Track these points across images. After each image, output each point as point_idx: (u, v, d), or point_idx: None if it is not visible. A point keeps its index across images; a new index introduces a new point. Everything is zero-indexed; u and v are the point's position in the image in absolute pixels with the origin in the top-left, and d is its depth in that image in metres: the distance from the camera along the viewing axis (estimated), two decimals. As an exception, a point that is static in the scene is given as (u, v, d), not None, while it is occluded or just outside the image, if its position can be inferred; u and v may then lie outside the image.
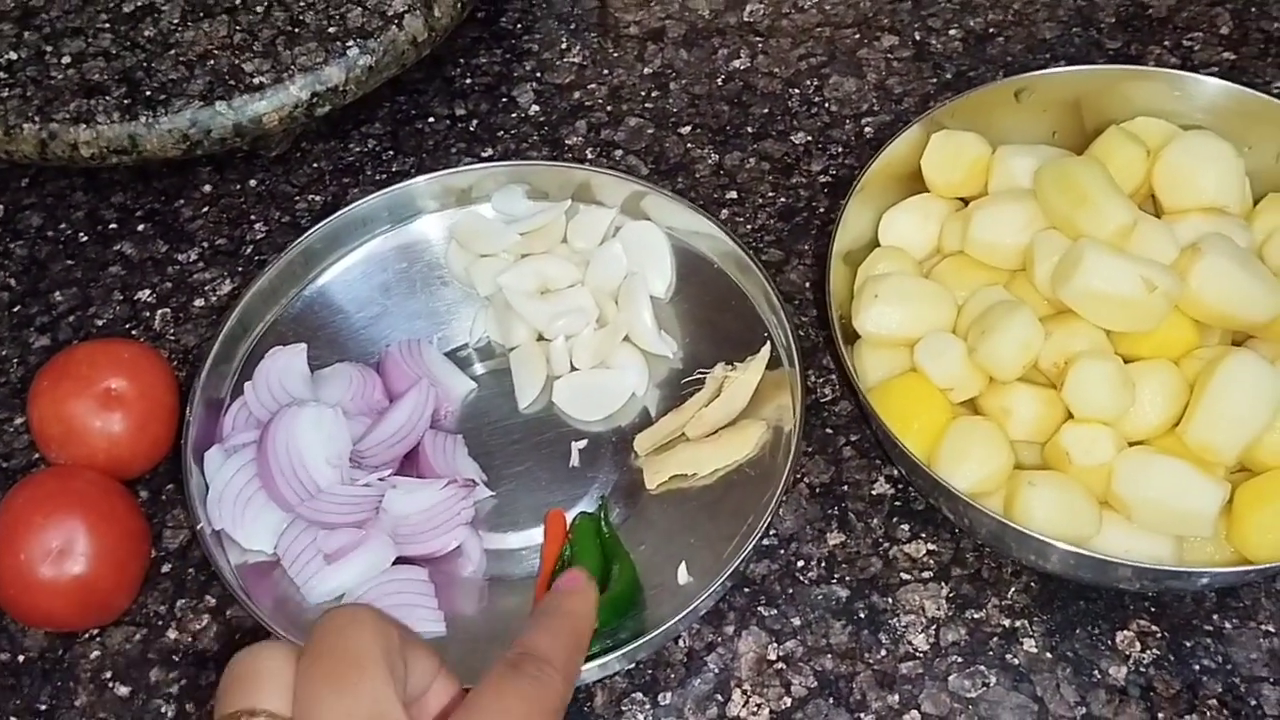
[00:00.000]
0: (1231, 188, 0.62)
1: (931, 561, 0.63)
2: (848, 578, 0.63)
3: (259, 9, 0.79)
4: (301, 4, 0.79)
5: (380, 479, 0.63)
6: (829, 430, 0.68)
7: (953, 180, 0.66)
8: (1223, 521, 0.56)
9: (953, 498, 0.55)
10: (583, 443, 0.67)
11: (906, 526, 0.64)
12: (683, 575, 0.61)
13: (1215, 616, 0.61)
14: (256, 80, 0.75)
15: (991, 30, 0.85)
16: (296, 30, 0.77)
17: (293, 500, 0.61)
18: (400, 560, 0.62)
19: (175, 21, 0.79)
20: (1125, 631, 0.60)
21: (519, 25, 0.88)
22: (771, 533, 0.65)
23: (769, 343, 0.67)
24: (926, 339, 0.60)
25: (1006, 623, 0.61)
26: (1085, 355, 0.56)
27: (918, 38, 0.85)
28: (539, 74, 0.85)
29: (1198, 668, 0.59)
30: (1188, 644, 0.60)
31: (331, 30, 0.77)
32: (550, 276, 0.71)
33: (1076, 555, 0.53)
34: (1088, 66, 0.68)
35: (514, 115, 0.82)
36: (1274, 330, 0.58)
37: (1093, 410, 0.56)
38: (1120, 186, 0.60)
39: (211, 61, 0.76)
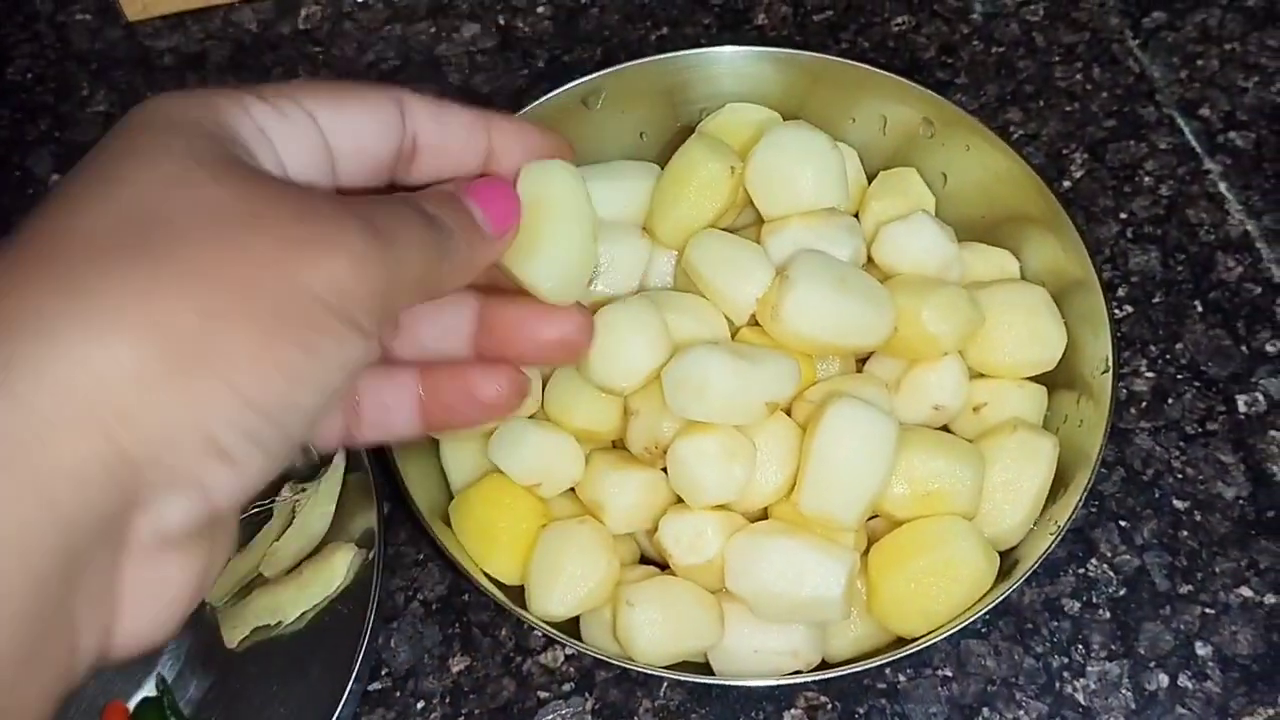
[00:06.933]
0: (831, 184, 0.53)
1: (571, 669, 0.54)
2: (477, 711, 0.53)
3: None
4: None
5: None
6: (440, 527, 0.57)
7: (522, 217, 0.56)
8: (863, 582, 0.48)
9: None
10: (143, 604, 0.55)
11: (538, 630, 0.55)
12: (272, 760, 0.51)
13: (888, 670, 0.54)
14: None
15: (584, 2, 0.74)
16: None
17: None
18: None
19: None
20: (793, 710, 0.53)
21: (30, 75, 0.72)
22: (384, 673, 0.54)
23: (341, 447, 0.56)
24: (499, 430, 0.50)
25: (662, 727, 0.53)
26: (682, 433, 0.47)
27: (502, 22, 0.73)
28: (58, 133, 0.70)
29: (872, 741, 0.52)
30: (860, 710, 0.53)
31: None
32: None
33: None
34: (656, 58, 0.58)
35: (30, 191, 0.68)
36: (893, 347, 0.51)
37: (705, 495, 0.47)
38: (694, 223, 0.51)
39: None
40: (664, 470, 0.49)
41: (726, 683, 0.45)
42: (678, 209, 0.53)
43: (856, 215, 0.56)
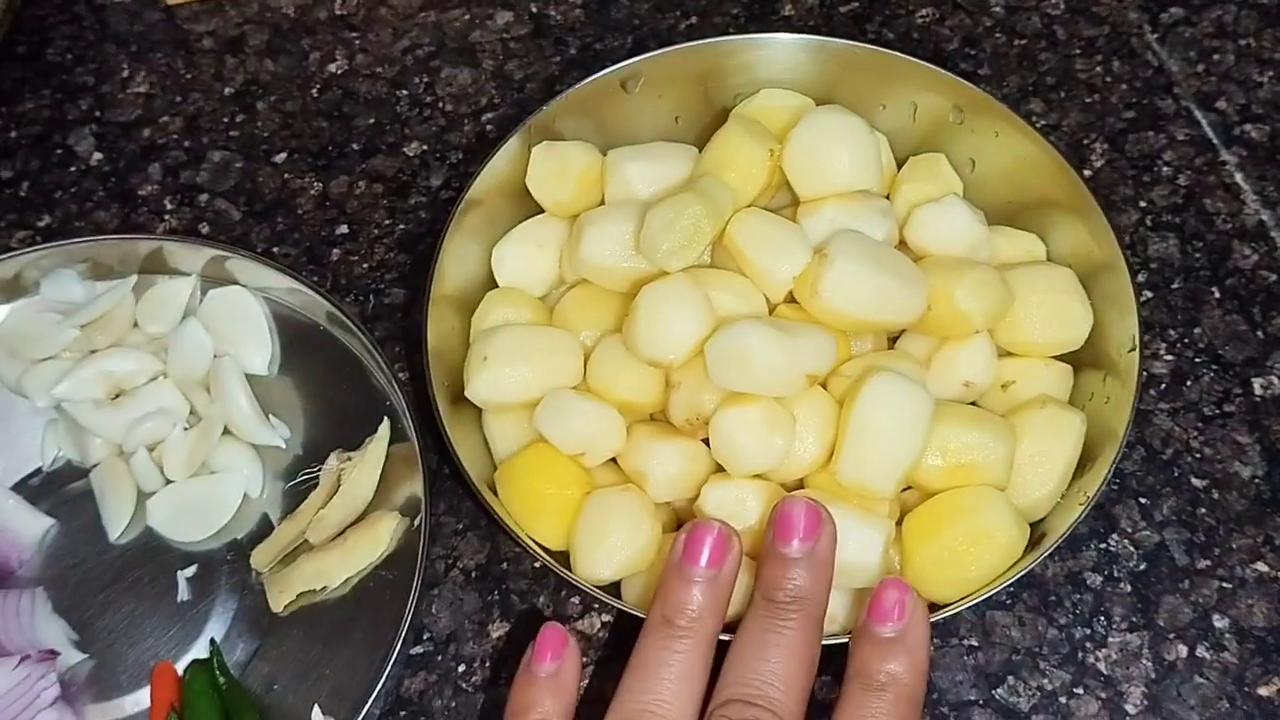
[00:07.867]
0: (867, 166, 0.55)
1: (607, 635, 0.56)
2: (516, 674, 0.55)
3: None
4: None
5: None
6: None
7: (563, 198, 0.57)
8: (897, 550, 0.50)
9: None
10: (191, 570, 0.56)
11: (577, 599, 0.56)
12: (317, 717, 0.52)
13: (915, 639, 0.55)
14: None
15: (615, -10, 0.76)
16: None
17: None
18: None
19: None
20: (824, 676, 0.54)
21: (69, 56, 0.74)
22: (425, 637, 0.56)
23: (386, 417, 0.58)
24: (546, 401, 0.51)
25: (696, 692, 0.54)
26: (725, 404, 0.48)
27: (534, 10, 0.75)
28: (98, 113, 0.71)
29: (901, 706, 0.53)
30: (890, 677, 0.54)
31: None
32: (122, 375, 0.59)
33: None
34: (694, 43, 0.60)
35: (73, 169, 0.69)
36: (925, 325, 0.52)
37: (747, 464, 0.48)
38: (735, 202, 0.53)
39: None
40: (703, 441, 0.51)
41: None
42: (718, 190, 0.54)
43: (887, 198, 0.58)
